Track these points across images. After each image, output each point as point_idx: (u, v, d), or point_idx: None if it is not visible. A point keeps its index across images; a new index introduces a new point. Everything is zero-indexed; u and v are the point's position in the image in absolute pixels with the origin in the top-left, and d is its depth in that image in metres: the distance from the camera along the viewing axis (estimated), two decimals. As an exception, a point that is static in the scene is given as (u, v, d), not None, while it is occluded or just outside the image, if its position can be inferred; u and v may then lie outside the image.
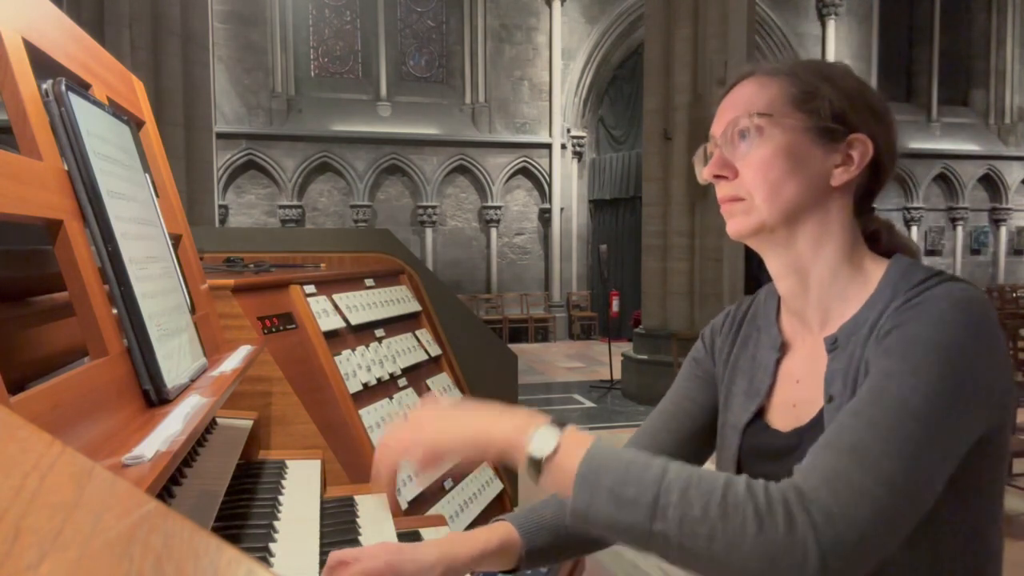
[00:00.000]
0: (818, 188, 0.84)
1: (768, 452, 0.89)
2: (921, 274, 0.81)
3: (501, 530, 0.92)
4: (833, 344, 0.84)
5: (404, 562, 0.83)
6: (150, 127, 1.25)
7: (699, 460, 1.02)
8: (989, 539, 0.82)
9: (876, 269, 0.86)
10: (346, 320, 1.93)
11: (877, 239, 0.90)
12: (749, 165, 0.84)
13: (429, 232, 12.16)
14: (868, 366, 0.78)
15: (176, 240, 1.23)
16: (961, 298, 0.75)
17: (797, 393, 0.89)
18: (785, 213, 0.84)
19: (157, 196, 1.11)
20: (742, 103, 0.86)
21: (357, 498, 1.37)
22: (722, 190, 0.87)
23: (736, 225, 0.87)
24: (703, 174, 0.90)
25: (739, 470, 0.92)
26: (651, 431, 1.03)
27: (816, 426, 0.83)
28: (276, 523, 1.09)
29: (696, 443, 1.01)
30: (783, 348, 0.93)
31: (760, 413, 0.92)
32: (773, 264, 0.90)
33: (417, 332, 2.30)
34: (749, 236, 0.87)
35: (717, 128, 0.89)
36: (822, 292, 0.87)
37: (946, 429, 0.71)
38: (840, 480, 0.67)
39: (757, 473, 0.90)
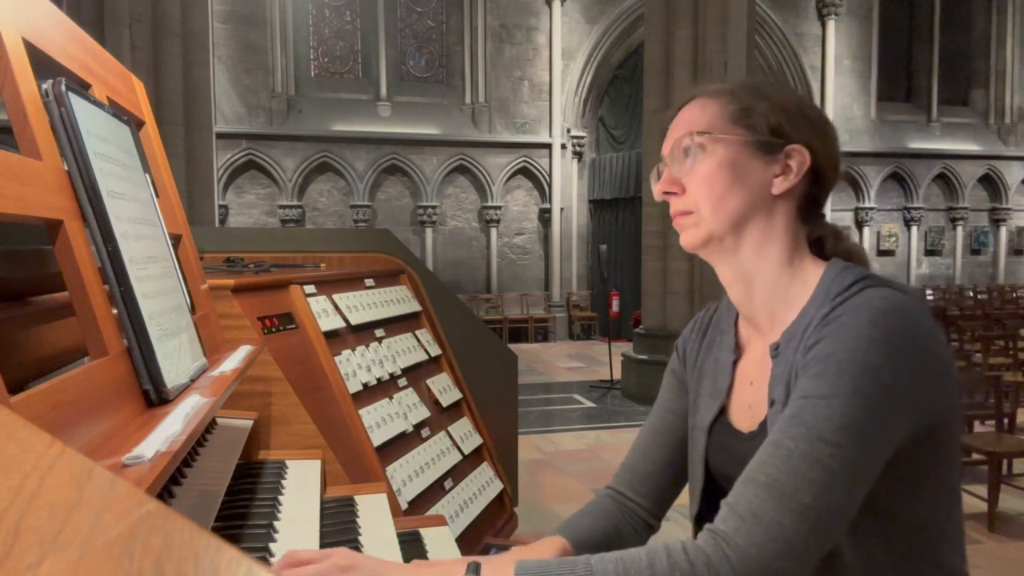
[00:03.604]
0: (760, 197, 0.89)
1: (731, 453, 0.93)
2: (849, 278, 0.84)
3: (561, 545, 0.95)
4: (776, 350, 0.88)
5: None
6: (150, 127, 1.25)
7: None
8: (944, 527, 0.84)
9: (815, 273, 0.90)
10: (346, 320, 1.93)
11: (823, 244, 0.94)
12: (694, 180, 0.90)
13: (429, 232, 12.16)
14: (798, 376, 0.81)
15: (176, 240, 1.23)
16: (879, 309, 0.77)
17: (751, 394, 0.94)
18: (731, 222, 0.89)
19: (157, 196, 1.11)
20: (685, 123, 0.93)
21: (357, 498, 1.37)
22: (673, 206, 0.93)
23: (688, 237, 0.92)
24: (655, 192, 0.95)
25: (707, 469, 0.98)
26: (642, 449, 1.07)
27: (764, 430, 0.86)
28: (276, 523, 1.09)
29: (685, 453, 1.05)
30: (738, 351, 0.98)
31: (723, 413, 0.97)
32: (723, 273, 0.95)
33: (417, 332, 2.30)
34: (700, 247, 0.92)
35: (666, 148, 0.95)
36: (766, 296, 0.92)
37: (860, 450, 0.74)
38: (755, 518, 0.72)
39: (722, 473, 0.95)
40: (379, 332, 2.08)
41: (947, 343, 0.82)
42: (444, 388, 2.26)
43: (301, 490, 1.27)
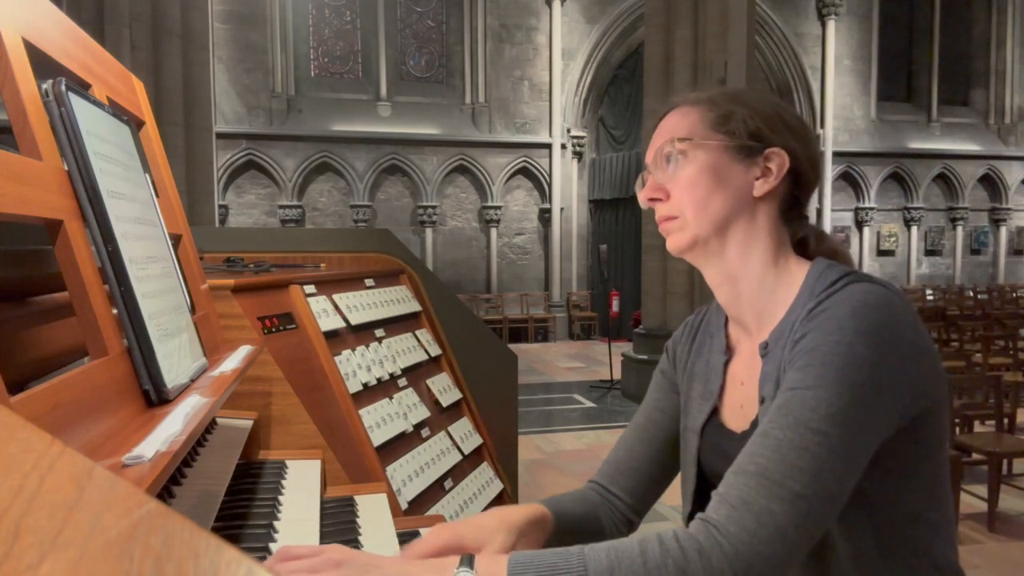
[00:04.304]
0: (742, 199, 0.91)
1: (723, 453, 0.94)
2: (834, 275, 0.86)
3: (540, 512, 0.95)
4: (765, 349, 0.90)
5: (466, 532, 0.84)
6: (150, 127, 1.25)
7: (675, 469, 1.07)
8: (934, 519, 0.86)
9: (800, 272, 0.91)
10: (346, 320, 1.93)
11: (807, 245, 0.96)
12: (677, 185, 0.92)
13: (429, 232, 12.16)
14: (785, 371, 0.83)
15: (176, 240, 1.23)
16: (862, 303, 0.79)
17: (743, 394, 0.95)
18: (714, 225, 0.91)
19: (157, 196, 1.11)
20: (667, 131, 0.95)
21: (357, 498, 1.37)
22: (658, 211, 0.95)
23: (674, 241, 0.94)
24: (640, 200, 0.97)
25: (700, 469, 0.99)
26: (627, 446, 1.09)
27: (755, 428, 0.87)
28: (276, 523, 1.09)
29: (670, 452, 1.07)
30: (729, 352, 1.00)
31: (715, 414, 0.98)
32: (709, 275, 0.97)
33: (417, 332, 2.30)
34: (687, 250, 0.94)
35: (649, 156, 0.96)
36: (752, 296, 0.93)
37: (846, 438, 0.75)
38: (746, 506, 0.72)
39: (715, 472, 0.95)
40: (379, 332, 2.08)
41: (929, 336, 0.83)
42: (444, 388, 2.26)
43: (301, 490, 1.27)
